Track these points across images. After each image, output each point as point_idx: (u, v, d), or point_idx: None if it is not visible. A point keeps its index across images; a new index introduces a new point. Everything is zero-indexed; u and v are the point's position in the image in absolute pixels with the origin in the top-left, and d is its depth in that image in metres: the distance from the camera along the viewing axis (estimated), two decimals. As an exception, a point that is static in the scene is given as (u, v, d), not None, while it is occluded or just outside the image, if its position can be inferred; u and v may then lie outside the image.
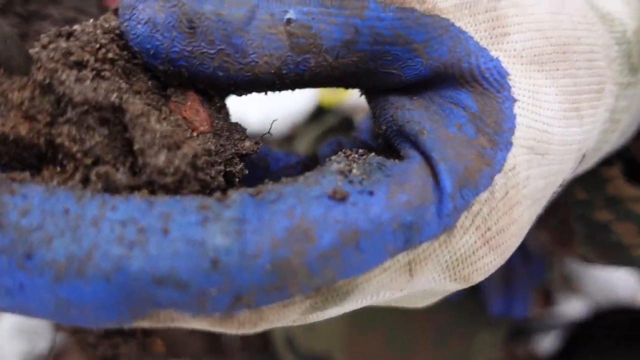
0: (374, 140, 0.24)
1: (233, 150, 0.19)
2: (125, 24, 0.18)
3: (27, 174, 0.16)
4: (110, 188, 0.16)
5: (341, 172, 0.17)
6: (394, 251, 0.17)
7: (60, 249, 0.14)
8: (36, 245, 0.14)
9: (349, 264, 0.16)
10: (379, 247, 0.17)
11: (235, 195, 0.16)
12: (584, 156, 0.23)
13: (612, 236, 0.33)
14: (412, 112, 0.19)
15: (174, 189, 0.16)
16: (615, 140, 0.25)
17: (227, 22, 0.17)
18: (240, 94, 0.20)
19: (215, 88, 0.19)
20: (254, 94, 0.20)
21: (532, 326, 0.76)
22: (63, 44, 0.17)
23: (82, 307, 0.14)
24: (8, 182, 0.15)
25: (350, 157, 0.18)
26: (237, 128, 0.20)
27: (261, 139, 0.20)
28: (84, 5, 0.28)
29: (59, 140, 0.16)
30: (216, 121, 0.19)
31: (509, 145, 0.19)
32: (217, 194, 0.16)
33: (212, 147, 0.18)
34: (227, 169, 0.18)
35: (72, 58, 0.17)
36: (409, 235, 0.17)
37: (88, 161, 0.16)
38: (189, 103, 0.18)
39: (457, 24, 0.19)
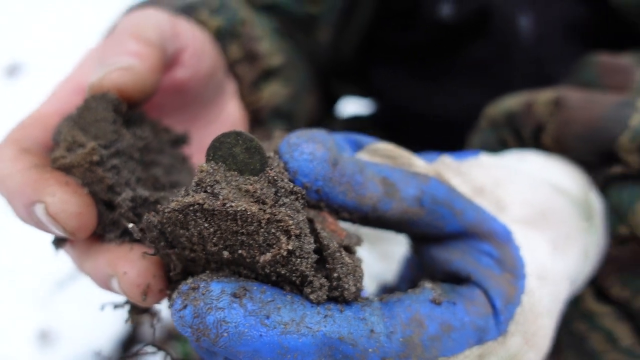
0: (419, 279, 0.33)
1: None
2: (290, 153, 0.26)
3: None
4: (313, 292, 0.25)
5: (432, 289, 0.27)
6: (472, 343, 0.26)
7: (285, 315, 0.23)
8: (271, 311, 0.23)
9: (445, 347, 0.25)
10: (463, 339, 0.26)
11: (376, 300, 0.26)
12: (571, 282, 0.34)
13: (587, 345, 0.41)
14: (456, 262, 0.29)
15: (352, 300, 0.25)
16: (587, 270, 0.37)
17: (353, 166, 0.27)
18: (344, 219, 0.29)
19: (330, 207, 0.28)
20: None
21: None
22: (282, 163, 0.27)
23: (295, 353, 0.23)
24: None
25: (433, 283, 0.28)
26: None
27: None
28: (176, 154, 0.36)
29: (279, 216, 0.23)
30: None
31: (523, 276, 0.29)
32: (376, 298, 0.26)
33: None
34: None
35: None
36: (481, 334, 0.27)
37: (297, 232, 0.24)
38: (329, 219, 0.27)
39: (477, 201, 0.30)
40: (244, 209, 0.23)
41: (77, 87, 0.33)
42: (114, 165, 0.29)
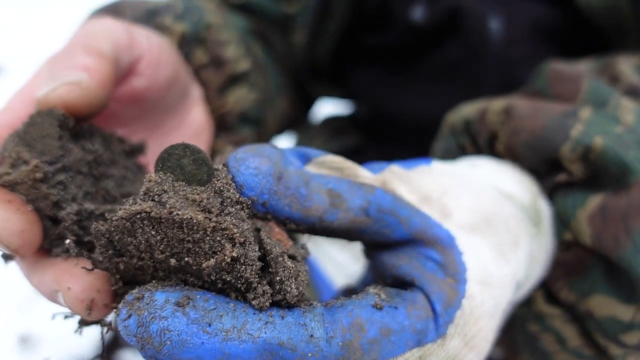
0: (374, 281, 0.35)
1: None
2: (237, 167, 0.27)
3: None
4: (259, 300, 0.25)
5: (376, 294, 0.28)
6: (411, 346, 0.27)
7: (227, 322, 0.24)
8: (214, 319, 0.24)
9: (385, 350, 0.26)
10: (403, 342, 0.27)
11: (319, 305, 0.26)
12: (518, 285, 0.35)
13: (539, 345, 0.42)
14: (403, 267, 0.30)
15: (295, 303, 0.26)
16: (537, 273, 0.38)
17: (298, 179, 0.28)
18: (292, 230, 0.29)
19: (277, 219, 0.28)
20: None
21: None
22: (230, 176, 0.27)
23: (236, 358, 0.23)
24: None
25: (378, 287, 0.29)
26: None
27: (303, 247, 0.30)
28: (131, 165, 0.37)
29: (224, 224, 0.24)
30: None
31: (465, 280, 0.30)
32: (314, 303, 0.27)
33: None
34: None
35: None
36: (420, 337, 0.27)
37: (241, 240, 0.24)
38: (276, 229, 0.28)
39: (423, 209, 0.31)
40: (189, 217, 0.24)
41: (30, 98, 0.33)
42: (60, 181, 0.29)
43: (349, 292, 0.37)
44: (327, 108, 1.00)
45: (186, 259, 0.25)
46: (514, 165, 0.41)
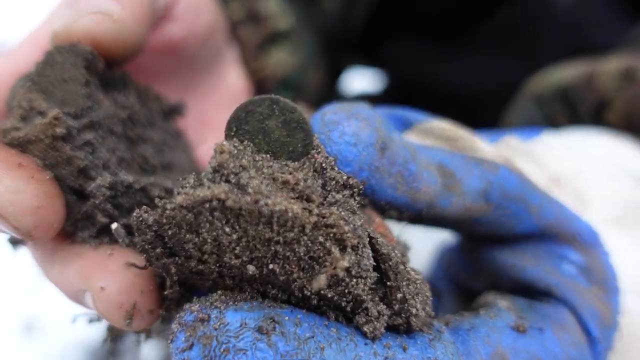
0: (467, 282, 0.29)
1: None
2: (327, 134, 0.20)
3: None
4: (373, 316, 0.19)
5: (509, 309, 0.22)
6: None
7: (331, 357, 0.17)
8: (312, 353, 0.17)
9: None
10: None
11: (436, 324, 0.20)
12: None
13: None
14: (530, 270, 0.24)
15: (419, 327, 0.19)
16: None
17: (405, 151, 0.21)
18: (390, 217, 0.23)
19: (375, 204, 0.22)
20: None
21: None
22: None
23: None
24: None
25: (505, 298, 0.23)
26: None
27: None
28: (169, 128, 0.29)
29: (330, 219, 0.17)
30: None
31: (617, 290, 0.24)
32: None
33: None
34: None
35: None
36: None
37: (354, 242, 0.17)
38: (377, 220, 0.21)
39: (554, 193, 0.24)
40: (283, 208, 0.17)
41: (45, 42, 0.25)
42: (87, 141, 0.21)
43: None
44: (354, 83, 0.94)
45: (271, 266, 0.18)
46: (632, 138, 0.35)
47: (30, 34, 0.26)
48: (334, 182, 0.19)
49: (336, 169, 0.19)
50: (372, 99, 0.81)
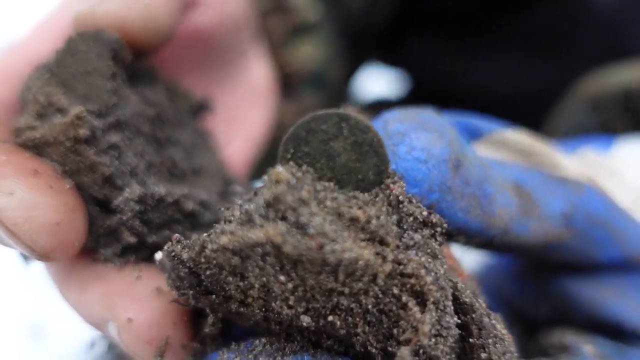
0: (524, 308, 0.26)
1: None
2: (393, 148, 0.17)
3: None
4: None
5: (595, 356, 0.20)
6: None
7: None
8: None
9: None
10: None
11: None
12: None
13: None
14: (614, 307, 0.21)
15: None
16: None
17: (479, 170, 0.19)
18: (456, 241, 0.20)
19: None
20: None
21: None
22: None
23: None
24: None
25: (587, 340, 0.21)
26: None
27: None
28: (198, 128, 0.26)
29: (408, 267, 0.15)
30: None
31: None
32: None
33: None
34: None
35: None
36: None
37: (436, 295, 0.15)
38: (444, 251, 0.18)
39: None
40: (354, 256, 0.14)
41: (64, 29, 0.22)
42: (113, 143, 0.18)
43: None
44: (373, 84, 0.92)
45: (330, 318, 0.15)
46: None
47: (45, 18, 0.23)
48: (411, 218, 0.16)
49: (414, 201, 0.16)
50: (389, 105, 0.79)
